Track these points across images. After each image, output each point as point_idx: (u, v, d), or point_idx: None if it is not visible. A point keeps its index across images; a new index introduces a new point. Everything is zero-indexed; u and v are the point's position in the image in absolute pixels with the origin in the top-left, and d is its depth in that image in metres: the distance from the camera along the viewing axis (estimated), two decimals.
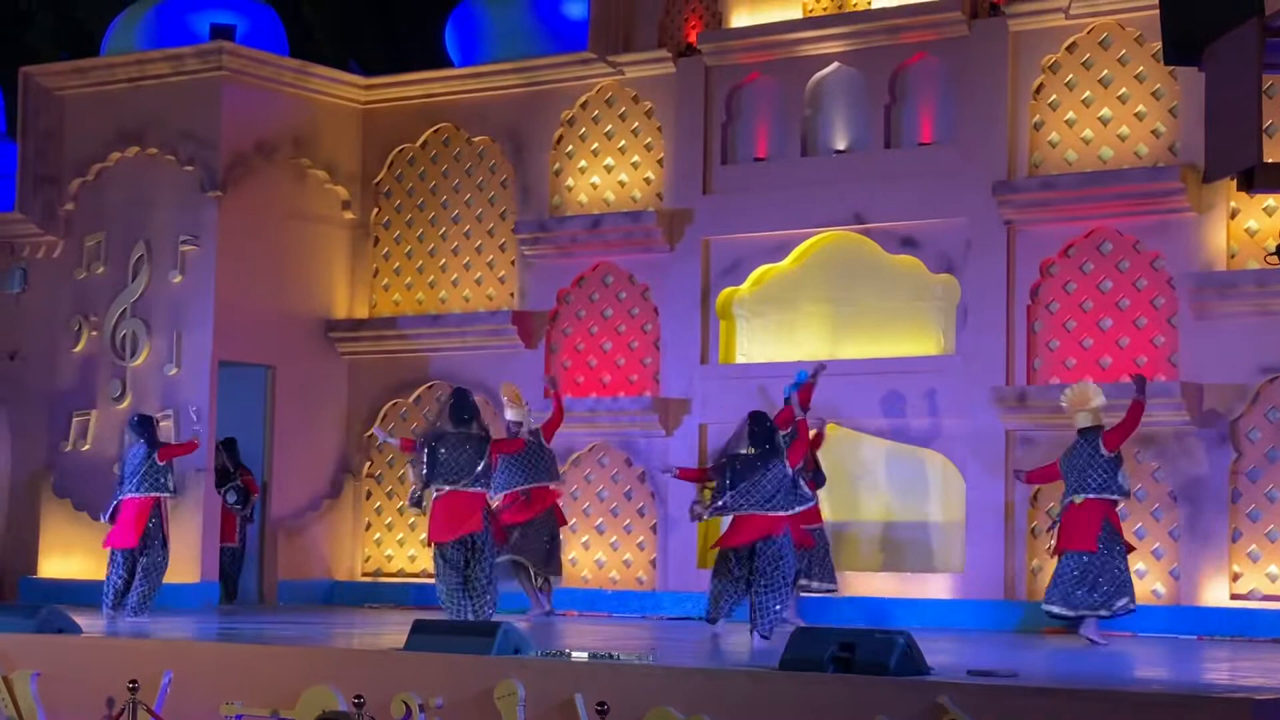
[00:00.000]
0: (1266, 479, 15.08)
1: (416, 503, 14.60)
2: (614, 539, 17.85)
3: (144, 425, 15.72)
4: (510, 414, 15.89)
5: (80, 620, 13.01)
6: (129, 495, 15.49)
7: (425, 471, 14.36)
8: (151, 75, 18.67)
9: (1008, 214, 16.07)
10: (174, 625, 14.60)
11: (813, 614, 15.46)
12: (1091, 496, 13.69)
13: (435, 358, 18.92)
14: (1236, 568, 15.09)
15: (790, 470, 13.06)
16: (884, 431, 16.57)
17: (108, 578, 15.56)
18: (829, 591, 15.40)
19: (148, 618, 15.25)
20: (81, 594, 17.65)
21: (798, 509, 13.12)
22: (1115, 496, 13.73)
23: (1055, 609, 13.74)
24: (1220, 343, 15.20)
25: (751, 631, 12.87)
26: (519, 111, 18.74)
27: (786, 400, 14.98)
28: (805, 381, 15.14)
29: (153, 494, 15.48)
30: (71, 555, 18.59)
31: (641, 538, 17.70)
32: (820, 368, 15.41)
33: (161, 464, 15.50)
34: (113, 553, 15.60)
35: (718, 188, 17.56)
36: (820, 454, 15.48)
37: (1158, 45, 14.32)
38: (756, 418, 13.21)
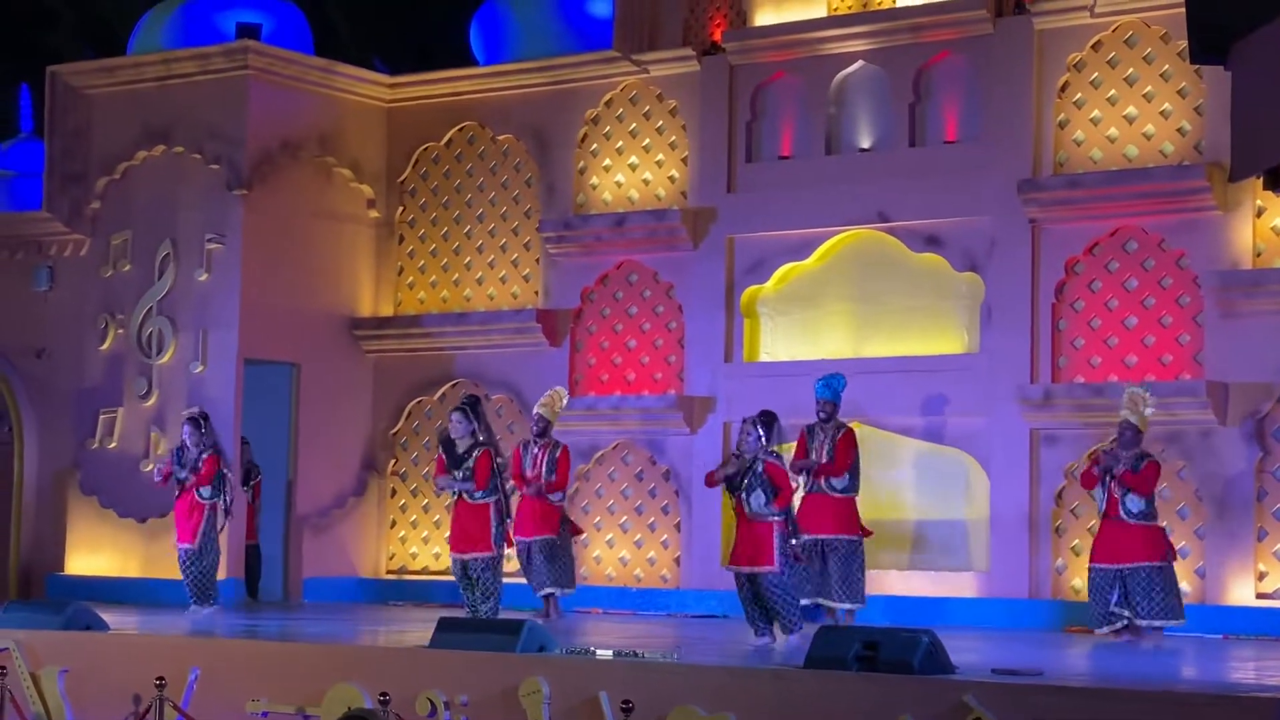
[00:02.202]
0: None
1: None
2: (638, 537, 17.86)
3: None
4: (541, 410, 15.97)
5: (107, 617, 13.06)
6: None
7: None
8: (178, 74, 18.72)
9: (1032, 212, 16.05)
10: (200, 622, 14.66)
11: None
12: None
13: (460, 356, 18.94)
14: (1262, 566, 15.05)
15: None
16: (908, 430, 16.55)
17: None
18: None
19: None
20: (108, 591, 17.73)
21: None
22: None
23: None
24: (1246, 341, 15.16)
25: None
26: (543, 110, 18.75)
27: (819, 399, 14.99)
28: (834, 400, 15.05)
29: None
30: (98, 552, 18.65)
31: (665, 536, 17.70)
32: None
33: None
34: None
35: (742, 186, 17.56)
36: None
37: (1183, 43, 14.27)
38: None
